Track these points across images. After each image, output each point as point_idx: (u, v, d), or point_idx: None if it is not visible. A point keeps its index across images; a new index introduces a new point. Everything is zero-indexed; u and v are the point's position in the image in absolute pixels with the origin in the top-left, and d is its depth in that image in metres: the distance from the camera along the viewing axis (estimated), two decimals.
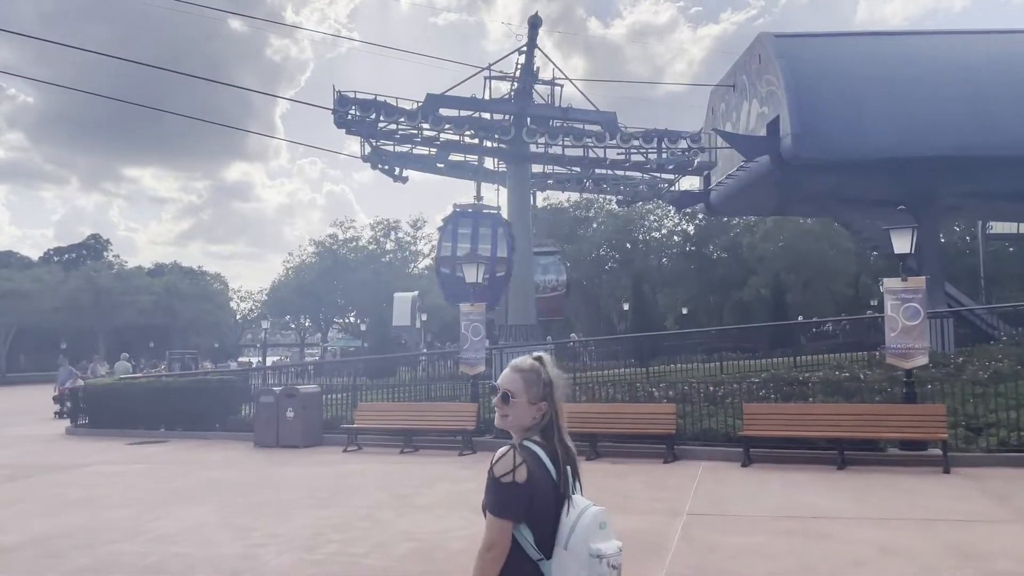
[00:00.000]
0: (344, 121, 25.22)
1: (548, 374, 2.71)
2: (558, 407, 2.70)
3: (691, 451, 14.15)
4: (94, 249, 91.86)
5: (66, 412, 25.44)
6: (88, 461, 16.15)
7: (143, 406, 20.94)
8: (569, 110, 26.83)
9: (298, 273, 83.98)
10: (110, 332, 74.72)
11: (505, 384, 2.71)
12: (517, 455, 2.57)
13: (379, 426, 16.68)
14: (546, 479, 2.58)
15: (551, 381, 2.70)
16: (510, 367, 2.77)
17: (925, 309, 13.41)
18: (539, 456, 2.61)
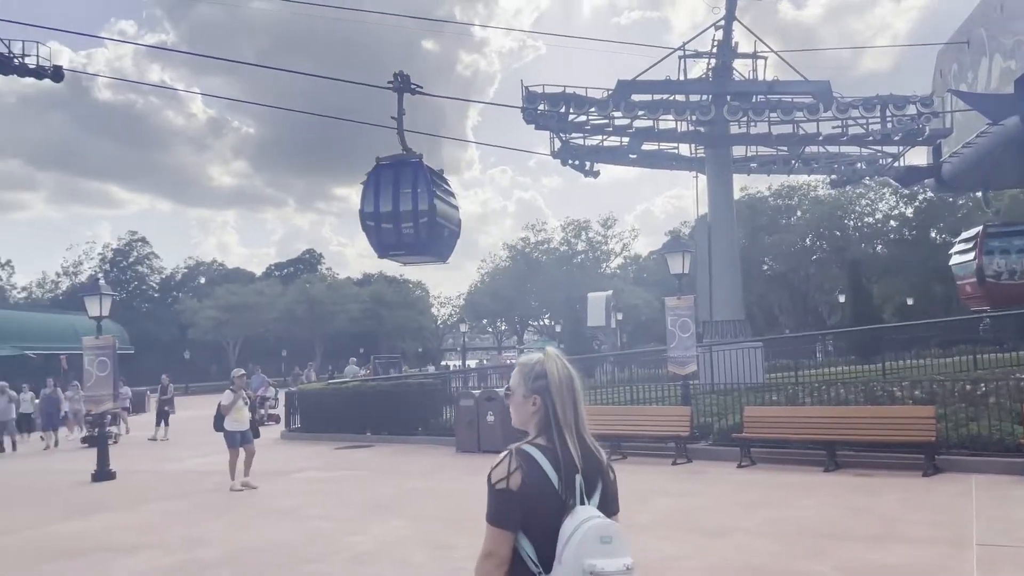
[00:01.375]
0: (533, 116, 24.43)
1: (543, 366, 2.55)
2: (557, 404, 2.50)
3: (955, 462, 11.88)
4: (309, 263, 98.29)
5: (259, 419, 26.40)
6: (296, 467, 16.23)
7: (349, 410, 21.14)
8: (775, 83, 24.47)
9: (492, 277, 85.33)
10: (324, 339, 79.40)
11: (510, 379, 2.62)
12: (512, 460, 2.43)
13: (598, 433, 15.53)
14: (545, 487, 2.40)
15: (544, 374, 2.54)
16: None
17: None
18: (537, 461, 2.43)
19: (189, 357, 69.22)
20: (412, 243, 14.69)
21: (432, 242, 14.73)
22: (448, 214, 15.61)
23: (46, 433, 23.50)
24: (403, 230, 14.85)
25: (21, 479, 16.87)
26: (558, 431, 2.47)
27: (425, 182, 15.82)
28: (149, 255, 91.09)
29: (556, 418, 2.49)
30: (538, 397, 2.52)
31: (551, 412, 2.50)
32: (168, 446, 21.99)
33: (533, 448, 2.45)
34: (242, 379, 14.08)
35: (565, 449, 2.45)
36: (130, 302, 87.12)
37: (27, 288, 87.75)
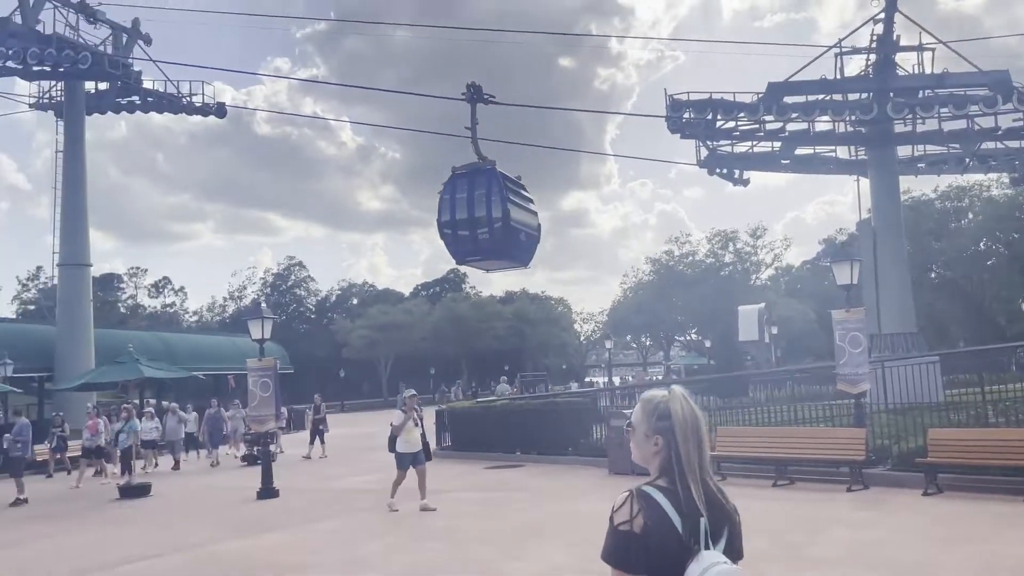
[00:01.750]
0: (678, 125, 23.73)
1: (667, 406, 2.44)
2: (681, 446, 2.38)
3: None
4: (453, 283, 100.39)
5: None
6: (449, 487, 16.20)
7: (498, 429, 21.04)
8: (946, 75, 22.56)
9: (635, 292, 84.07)
10: (470, 357, 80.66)
11: (633, 414, 2.57)
12: (635, 503, 2.35)
13: (744, 454, 14.67)
14: (668, 531, 2.31)
15: (668, 414, 2.43)
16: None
17: None
18: (660, 504, 2.34)
19: (344, 375, 72.03)
20: (488, 248, 14.68)
21: (508, 247, 14.93)
22: (524, 219, 15.67)
23: (210, 452, 24.48)
24: (479, 236, 14.25)
25: (190, 496, 17.72)
26: (680, 474, 2.39)
27: (499, 188, 16.20)
28: (306, 278, 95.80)
29: (679, 461, 2.40)
30: (660, 437, 2.44)
31: (674, 454, 2.42)
32: (325, 464, 22.65)
33: (655, 490, 2.39)
34: (413, 399, 13.65)
35: (688, 492, 2.37)
36: (289, 323, 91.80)
37: (198, 312, 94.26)
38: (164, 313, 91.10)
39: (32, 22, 31.63)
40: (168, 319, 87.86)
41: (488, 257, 16.88)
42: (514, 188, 16.65)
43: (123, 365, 18.27)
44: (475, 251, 15.90)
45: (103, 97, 36.14)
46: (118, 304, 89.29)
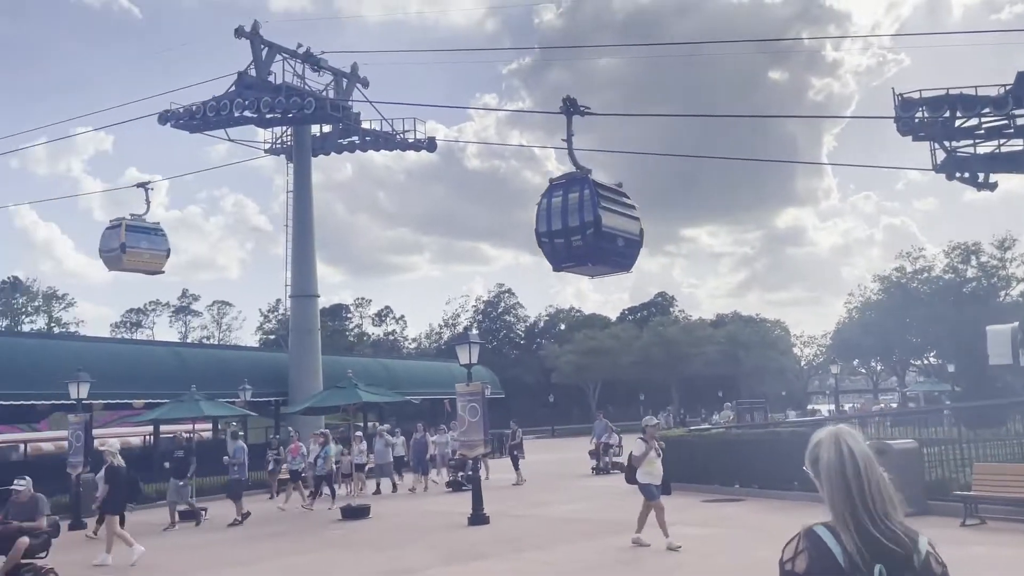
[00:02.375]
0: (910, 126, 21.47)
1: (818, 450, 2.47)
2: (826, 488, 2.40)
3: None
4: (661, 306, 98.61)
5: (602, 467, 25.57)
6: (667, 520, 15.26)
7: (715, 460, 19.79)
8: None
9: (862, 312, 77.99)
10: (680, 383, 78.42)
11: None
12: (801, 542, 2.39)
13: (1009, 495, 12.57)
14: (832, 571, 2.30)
15: (818, 457, 2.46)
16: None
17: None
18: (826, 544, 2.34)
19: (553, 400, 72.44)
20: (583, 254, 15.10)
21: (604, 252, 15.30)
22: (620, 225, 15.93)
23: (416, 476, 24.33)
24: (573, 243, 15.35)
25: (404, 520, 18.00)
26: (834, 516, 2.40)
27: (591, 195, 16.24)
28: (515, 305, 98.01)
29: (828, 503, 2.43)
30: (818, 480, 2.47)
31: (829, 497, 2.42)
32: (534, 490, 22.34)
33: (824, 529, 2.39)
34: (655, 428, 12.92)
35: (848, 534, 2.34)
36: (499, 349, 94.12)
37: (416, 339, 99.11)
38: (386, 340, 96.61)
39: (264, 74, 34.60)
40: (389, 346, 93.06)
41: (583, 263, 17.25)
42: (609, 195, 16.90)
43: (343, 390, 19.08)
44: (570, 257, 16.08)
45: (327, 139, 38.84)
46: (346, 332, 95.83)
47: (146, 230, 25.95)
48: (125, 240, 25.64)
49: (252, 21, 34.86)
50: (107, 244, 25.76)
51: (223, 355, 37.33)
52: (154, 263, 26.20)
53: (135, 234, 25.68)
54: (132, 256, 25.19)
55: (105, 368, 25.28)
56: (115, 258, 25.40)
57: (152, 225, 26.04)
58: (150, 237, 25.84)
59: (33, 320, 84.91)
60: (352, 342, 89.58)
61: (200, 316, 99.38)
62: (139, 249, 26.09)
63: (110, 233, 25.85)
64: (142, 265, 26.44)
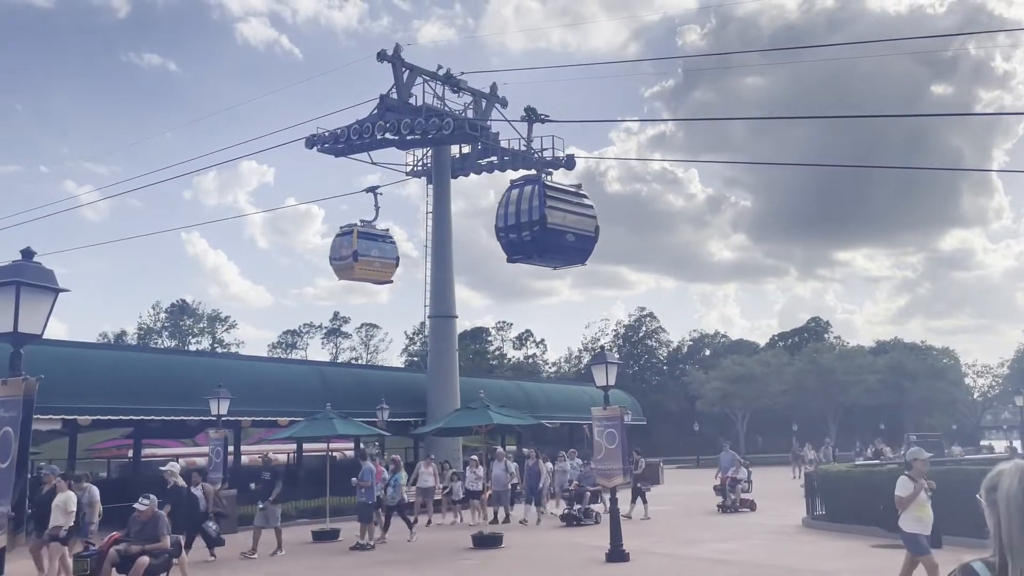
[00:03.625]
0: None
1: (998, 479, 2.35)
2: (1002, 521, 2.29)
3: None
4: (815, 332, 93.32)
5: (729, 505, 23.32)
6: (826, 568, 13.43)
7: (884, 500, 17.51)
8: None
9: None
10: (837, 412, 73.51)
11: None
12: (957, 573, 2.38)
13: None
14: None
15: (996, 487, 2.35)
16: None
17: None
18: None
19: (698, 429, 69.53)
20: (531, 248, 17.32)
21: (552, 247, 17.60)
22: (571, 222, 18.01)
23: (528, 506, 22.24)
24: (523, 237, 17.40)
25: (536, 552, 16.87)
26: (998, 548, 2.31)
27: (540, 195, 18.25)
28: (657, 329, 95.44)
29: (999, 536, 2.32)
30: (990, 510, 2.36)
31: (996, 529, 2.33)
32: (682, 525, 20.61)
33: (982, 565, 2.36)
34: (924, 464, 10.58)
35: (1004, 568, 2.27)
36: (641, 374, 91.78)
37: (556, 363, 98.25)
38: (526, 364, 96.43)
39: (405, 96, 34.86)
40: (529, 369, 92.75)
41: (532, 255, 18.90)
42: (561, 195, 18.82)
43: (475, 411, 18.27)
44: (521, 251, 18.53)
45: (466, 159, 38.70)
46: (486, 355, 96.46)
47: (376, 236, 25.23)
48: (357, 247, 24.74)
49: (394, 45, 35.32)
50: (338, 252, 24.80)
51: (364, 375, 37.61)
52: (384, 272, 25.40)
53: (367, 241, 24.87)
54: (364, 265, 24.37)
55: (251, 386, 25.72)
56: (346, 267, 24.50)
57: (382, 232, 25.35)
58: (380, 245, 25.10)
59: (199, 341, 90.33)
60: (493, 365, 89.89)
61: (350, 338, 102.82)
62: (370, 257, 25.36)
63: (341, 241, 24.96)
64: (372, 274, 25.61)
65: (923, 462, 10.39)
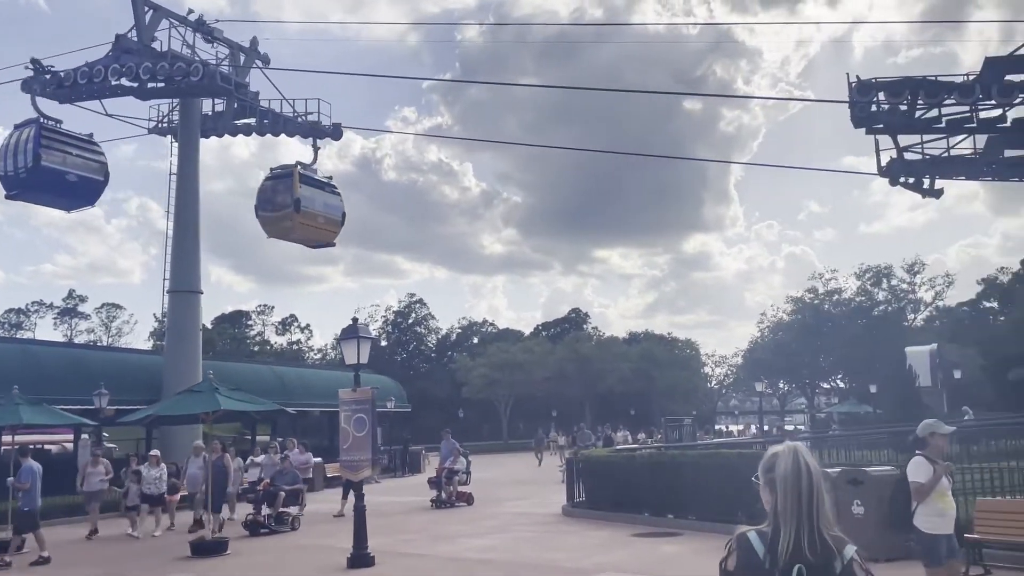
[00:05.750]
0: (868, 116, 19.41)
1: (775, 460, 2.78)
2: (779, 495, 2.70)
3: None
4: (575, 322, 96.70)
5: (445, 499, 21.02)
6: (590, 564, 12.36)
7: (645, 485, 17.05)
8: None
9: (774, 333, 77.73)
10: (594, 400, 76.32)
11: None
12: (733, 543, 2.76)
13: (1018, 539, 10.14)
14: (757, 570, 2.66)
15: (773, 467, 2.76)
16: None
17: None
18: (752, 545, 2.71)
19: (463, 416, 69.20)
20: (26, 186, 19.41)
21: (48, 187, 19.93)
22: (67, 163, 19.87)
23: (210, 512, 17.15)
24: (20, 174, 19.60)
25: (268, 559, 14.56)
26: (773, 520, 2.70)
27: (34, 137, 20.56)
28: (427, 316, 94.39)
29: (776, 509, 2.70)
30: (768, 487, 2.76)
31: (775, 502, 2.71)
32: (442, 522, 18.95)
33: (754, 533, 2.75)
34: (944, 440, 7.47)
35: (777, 536, 2.65)
36: (410, 361, 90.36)
37: (322, 350, 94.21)
38: (289, 350, 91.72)
39: (147, 39, 30.53)
40: (292, 355, 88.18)
41: (27, 192, 21.47)
42: (55, 137, 21.82)
43: (200, 395, 15.38)
44: (13, 187, 21.31)
45: (220, 118, 34.72)
46: (247, 340, 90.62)
47: (321, 184, 19.00)
48: (300, 194, 18.32)
49: None
50: (270, 199, 18.15)
51: (84, 356, 32.55)
52: (328, 230, 19.01)
53: (310, 188, 18.68)
54: (306, 219, 18.02)
55: None
56: (282, 220, 17.86)
57: (326, 179, 19.14)
58: (325, 196, 18.97)
59: None
60: (254, 351, 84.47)
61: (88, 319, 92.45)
62: (314, 210, 18.81)
63: (274, 185, 18.32)
64: (313, 232, 19.02)
65: (943, 437, 7.36)
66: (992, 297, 71.63)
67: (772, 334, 78.13)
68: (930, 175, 23.02)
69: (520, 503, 22.04)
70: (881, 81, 19.52)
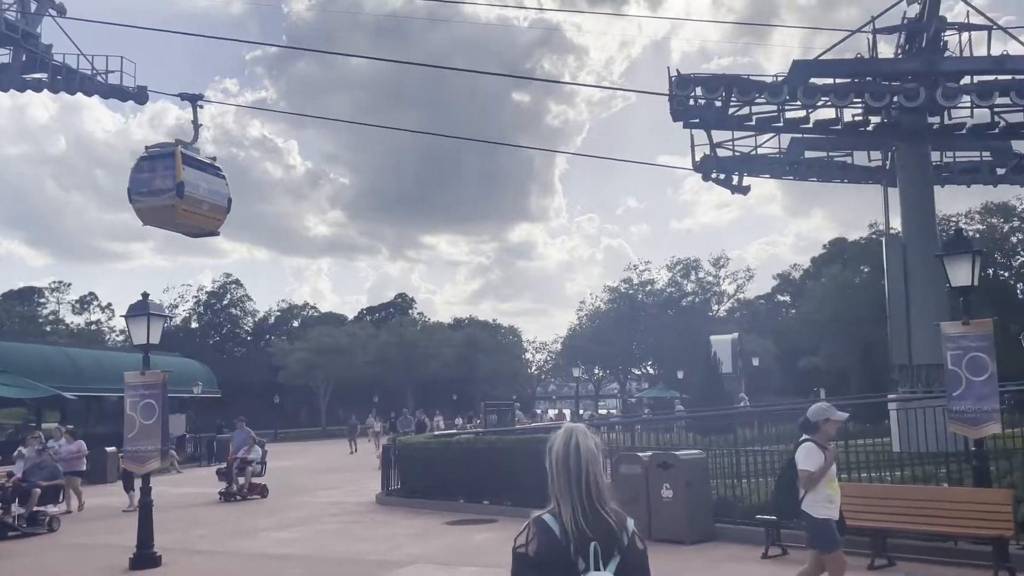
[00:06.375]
0: (686, 110, 20.00)
1: (552, 442, 2.88)
2: (554, 476, 2.81)
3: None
4: (401, 307, 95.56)
5: (236, 492, 19.68)
6: (401, 556, 11.81)
7: (461, 472, 16.72)
8: (1006, 58, 19.29)
9: (593, 321, 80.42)
10: (417, 385, 75.78)
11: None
12: (531, 528, 2.78)
13: None
14: (557, 553, 2.68)
15: (551, 448, 2.87)
16: None
17: None
18: (551, 528, 2.74)
19: (279, 402, 66.51)
20: None
21: None
22: None
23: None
24: None
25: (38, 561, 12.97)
26: (555, 501, 2.79)
27: None
28: (243, 298, 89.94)
29: (557, 491, 2.78)
30: (548, 467, 2.86)
31: (551, 483, 2.82)
32: (244, 514, 17.76)
33: (549, 516, 2.79)
34: (835, 427, 7.33)
35: (568, 517, 2.72)
36: (223, 344, 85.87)
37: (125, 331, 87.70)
38: (87, 330, 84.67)
39: None
40: (91, 337, 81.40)
41: None
42: None
43: None
44: None
45: (5, 71, 31.02)
46: (38, 319, 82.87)
47: (204, 166, 15.43)
48: (184, 177, 14.61)
49: None
50: (146, 183, 14.51)
51: None
52: (212, 218, 15.46)
53: (194, 171, 15.18)
54: (190, 205, 14.64)
55: None
56: (162, 206, 14.18)
57: (209, 160, 15.66)
58: (209, 179, 15.49)
59: None
60: (47, 331, 77.24)
61: None
62: (198, 196, 15.06)
63: (152, 166, 14.69)
64: (197, 219, 15.33)
65: (835, 423, 7.22)
66: (786, 292, 77.74)
67: (590, 322, 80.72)
68: (739, 172, 24.19)
69: (332, 492, 21.14)
70: (699, 76, 20.19)
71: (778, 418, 22.82)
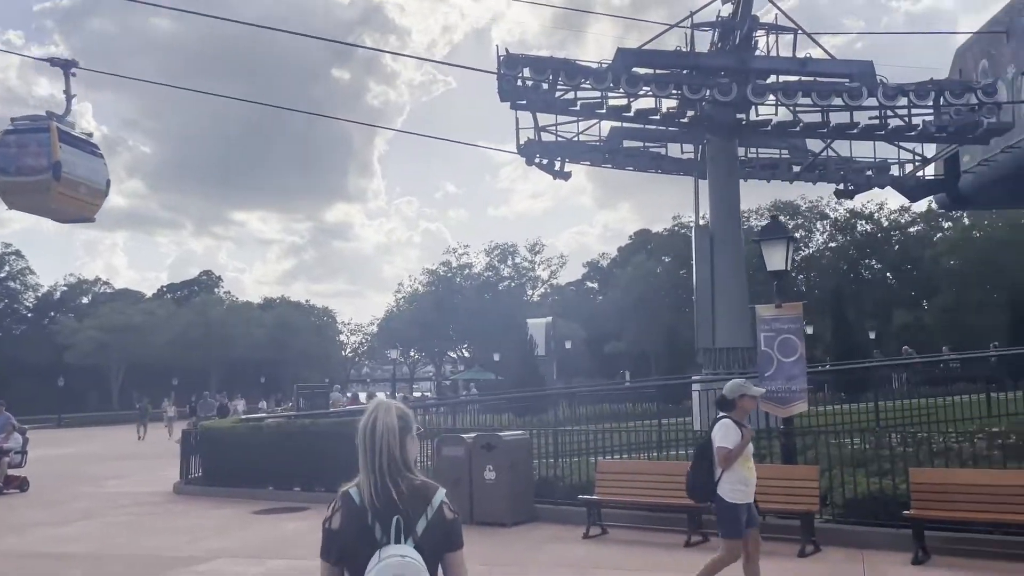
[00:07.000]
0: (513, 90, 19.77)
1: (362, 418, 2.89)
2: (359, 448, 2.84)
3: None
4: (206, 285, 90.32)
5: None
6: (201, 550, 10.77)
7: (270, 458, 15.72)
8: (808, 61, 20.52)
9: (410, 303, 79.78)
10: (222, 367, 71.99)
11: None
12: (337, 501, 2.83)
13: (635, 499, 10.69)
14: (361, 525, 2.73)
15: (363, 424, 2.87)
16: None
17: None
18: (355, 501, 2.79)
19: (64, 384, 60.77)
20: None
21: None
22: None
23: None
24: None
25: None
26: (362, 473, 2.83)
27: None
28: (23, 270, 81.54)
29: (363, 464, 2.82)
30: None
31: (360, 456, 2.84)
32: (14, 508, 15.79)
33: (354, 488, 2.84)
34: (753, 402, 7.16)
35: (369, 489, 2.76)
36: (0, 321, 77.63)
37: None
38: None
39: None
40: None
41: None
42: None
43: None
44: None
45: None
46: None
47: (80, 144, 11.53)
48: (60, 156, 10.79)
49: None
50: (18, 160, 10.65)
51: None
52: (89, 203, 11.68)
53: (71, 149, 11.34)
54: (67, 188, 10.89)
55: None
56: (35, 188, 10.37)
57: (85, 136, 11.76)
58: (88, 159, 11.65)
59: None
60: None
61: None
62: (76, 178, 11.25)
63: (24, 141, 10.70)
64: (72, 204, 11.41)
65: (752, 400, 7.06)
66: (595, 279, 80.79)
67: (408, 304, 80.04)
68: (561, 158, 24.40)
69: (121, 481, 19.31)
70: (527, 57, 20.01)
71: (586, 399, 23.62)
